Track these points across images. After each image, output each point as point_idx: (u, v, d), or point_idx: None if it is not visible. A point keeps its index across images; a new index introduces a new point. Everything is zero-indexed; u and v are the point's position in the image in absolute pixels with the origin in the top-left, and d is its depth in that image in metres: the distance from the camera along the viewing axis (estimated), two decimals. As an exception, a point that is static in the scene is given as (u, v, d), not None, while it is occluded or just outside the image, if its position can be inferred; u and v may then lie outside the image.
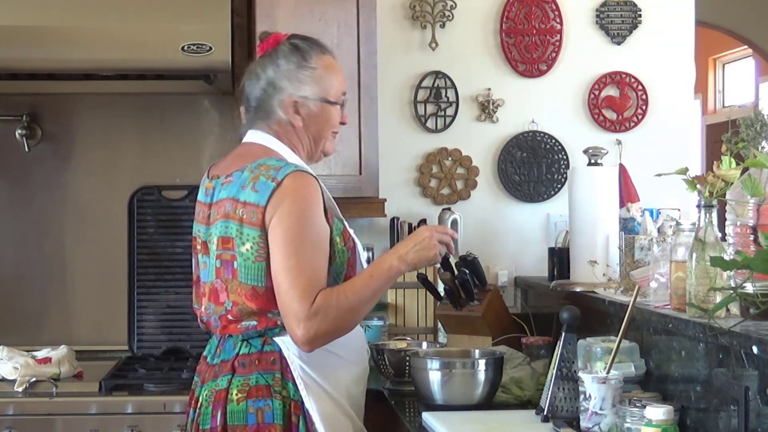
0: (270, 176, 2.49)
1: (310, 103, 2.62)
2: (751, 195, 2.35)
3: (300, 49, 2.63)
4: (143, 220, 3.87)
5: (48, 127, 3.91)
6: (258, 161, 2.54)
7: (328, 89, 2.65)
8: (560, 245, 3.58)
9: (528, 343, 3.25)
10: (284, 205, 2.45)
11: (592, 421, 2.44)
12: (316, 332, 2.42)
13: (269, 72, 2.62)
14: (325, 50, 2.68)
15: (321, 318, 2.42)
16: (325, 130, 2.67)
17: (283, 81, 2.61)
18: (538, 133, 4.01)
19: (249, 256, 2.49)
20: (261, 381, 2.49)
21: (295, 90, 2.61)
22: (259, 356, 2.52)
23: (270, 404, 2.47)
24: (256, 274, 2.49)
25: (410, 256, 2.55)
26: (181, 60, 3.39)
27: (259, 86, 2.64)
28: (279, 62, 2.62)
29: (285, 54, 2.62)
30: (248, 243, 2.48)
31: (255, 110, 2.66)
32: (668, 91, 4.07)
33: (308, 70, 2.62)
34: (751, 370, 2.13)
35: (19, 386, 3.29)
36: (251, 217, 2.48)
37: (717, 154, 2.47)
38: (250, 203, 2.48)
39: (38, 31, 3.39)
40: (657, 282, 2.65)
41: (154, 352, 3.79)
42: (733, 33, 8.91)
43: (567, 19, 4.03)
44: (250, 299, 2.50)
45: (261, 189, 2.48)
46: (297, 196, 2.47)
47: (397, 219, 3.84)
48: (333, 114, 2.68)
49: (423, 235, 2.57)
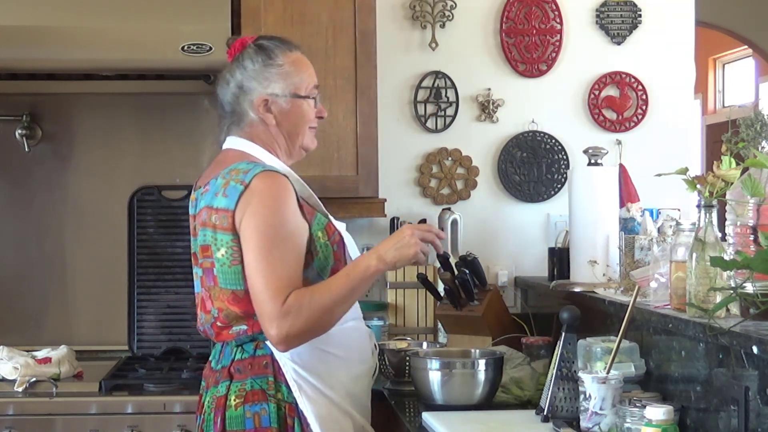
0: (239, 180, 2.49)
1: (281, 100, 2.62)
2: (751, 195, 2.35)
3: (265, 48, 2.64)
4: (143, 220, 3.87)
5: (48, 127, 3.91)
6: (230, 166, 2.55)
7: (298, 84, 2.64)
8: (560, 245, 3.58)
9: (528, 343, 3.25)
10: (252, 206, 2.45)
11: (592, 421, 2.44)
12: (288, 332, 2.41)
13: (237, 75, 2.63)
14: (292, 47, 2.68)
15: (293, 318, 2.41)
16: (299, 125, 2.66)
17: (251, 82, 2.61)
18: (538, 133, 4.01)
19: (225, 261, 2.50)
20: (256, 385, 2.51)
21: (264, 89, 2.61)
22: (252, 361, 2.53)
23: (266, 408, 2.49)
24: (234, 278, 2.50)
25: (389, 255, 2.51)
26: (181, 60, 3.39)
27: (230, 91, 2.64)
28: (245, 64, 2.63)
29: (250, 55, 2.63)
30: (223, 248, 2.49)
31: (229, 116, 2.66)
32: (668, 91, 4.07)
33: (275, 67, 2.62)
34: (751, 370, 2.13)
35: (19, 386, 3.29)
36: (222, 222, 2.49)
37: (717, 154, 2.47)
38: (221, 208, 2.49)
39: (38, 31, 3.39)
40: (657, 282, 2.65)
41: (154, 352, 3.79)
42: (733, 33, 8.91)
43: (567, 19, 4.03)
44: (233, 303, 2.51)
45: (230, 193, 2.49)
46: (264, 196, 2.46)
47: (397, 219, 3.84)
48: (306, 109, 2.67)
49: (403, 233, 2.53)
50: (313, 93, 2.68)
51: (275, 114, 2.62)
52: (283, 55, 2.64)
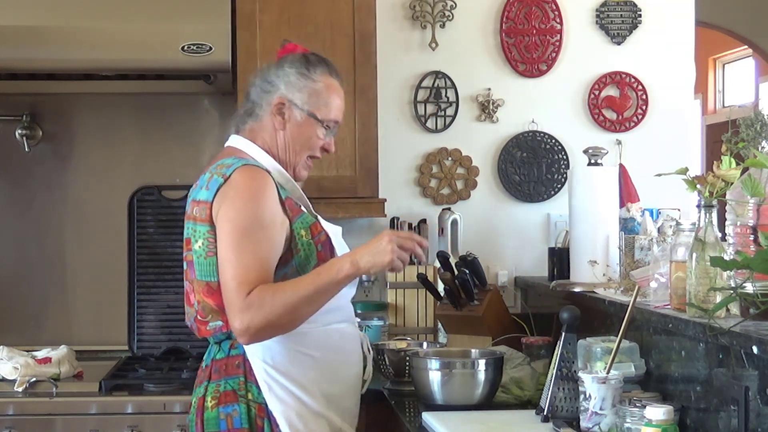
0: (221, 173, 2.51)
1: (296, 111, 2.62)
2: (751, 195, 2.35)
3: (308, 60, 2.65)
4: (143, 220, 3.87)
5: (48, 127, 3.91)
6: (218, 162, 2.57)
7: (320, 107, 2.64)
8: (560, 245, 3.59)
9: (528, 343, 3.25)
10: (227, 198, 2.46)
11: (592, 421, 2.44)
12: (248, 325, 2.39)
13: (271, 72, 2.66)
14: (335, 73, 2.68)
15: (254, 311, 2.38)
16: (302, 144, 2.65)
17: (280, 81, 2.63)
18: (538, 133, 4.01)
19: (201, 253, 2.51)
20: (228, 386, 2.51)
21: (287, 92, 2.62)
22: (227, 361, 2.53)
23: (237, 409, 2.49)
24: (208, 270, 2.50)
25: (363, 261, 2.45)
26: (181, 60, 3.39)
27: (257, 84, 2.67)
28: (284, 65, 2.65)
29: (292, 60, 2.65)
30: (200, 240, 2.51)
31: (246, 108, 2.69)
32: (668, 91, 4.07)
33: (308, 80, 2.63)
34: (751, 370, 2.13)
35: (19, 386, 3.29)
36: (201, 213, 2.51)
37: (717, 154, 2.47)
38: (202, 200, 2.52)
39: (38, 31, 3.39)
40: (657, 282, 2.65)
41: (154, 352, 3.79)
42: (733, 33, 8.91)
43: (567, 19, 4.03)
44: (207, 295, 2.52)
45: (211, 186, 2.50)
46: (240, 188, 2.46)
47: (397, 219, 3.84)
48: (315, 133, 2.65)
49: (381, 239, 2.47)
50: (329, 123, 2.66)
51: (285, 120, 2.62)
52: (322, 75, 2.65)
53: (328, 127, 2.67)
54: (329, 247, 2.57)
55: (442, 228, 3.82)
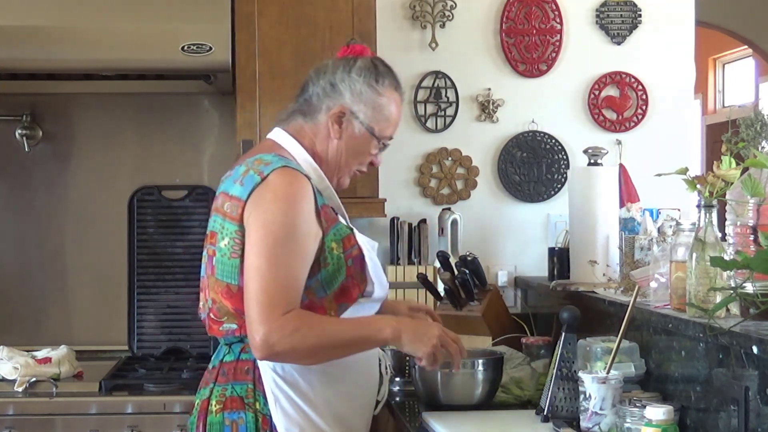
0: (258, 170, 2.37)
1: (356, 124, 2.50)
2: (751, 195, 2.35)
3: (379, 71, 2.52)
4: (143, 220, 3.87)
5: (48, 127, 3.92)
6: (257, 156, 2.44)
7: (380, 121, 2.51)
8: (560, 245, 3.59)
9: (528, 343, 3.25)
10: (264, 201, 2.33)
11: (592, 421, 2.44)
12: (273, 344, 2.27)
13: (338, 74, 2.50)
14: (399, 88, 2.56)
15: (285, 334, 2.27)
16: (353, 159, 2.53)
17: (345, 88, 2.49)
18: (538, 133, 4.01)
19: (226, 252, 2.38)
20: (235, 392, 2.39)
21: (351, 103, 2.48)
22: (236, 365, 2.42)
23: (243, 417, 2.37)
24: (231, 272, 2.38)
25: (406, 337, 2.36)
26: (181, 60, 3.39)
27: (321, 83, 2.51)
28: (353, 70, 2.50)
29: (362, 67, 2.51)
30: (227, 238, 2.38)
31: (301, 104, 2.54)
32: (668, 91, 4.07)
33: (375, 93, 2.50)
34: (751, 370, 2.13)
35: (19, 386, 3.29)
36: (233, 211, 2.37)
37: (717, 154, 2.47)
38: (235, 197, 2.38)
39: (38, 31, 3.39)
40: (657, 282, 2.65)
41: (154, 352, 3.80)
42: (733, 33, 8.91)
43: (567, 19, 4.03)
44: (226, 297, 2.39)
45: (246, 183, 2.37)
46: (278, 193, 2.33)
47: (397, 219, 3.85)
48: (369, 148, 2.54)
49: (431, 327, 2.40)
50: (384, 140, 2.54)
51: (343, 130, 2.49)
52: (388, 90, 2.52)
53: (384, 145, 2.56)
54: (360, 263, 2.42)
55: (442, 228, 3.82)
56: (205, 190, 3.88)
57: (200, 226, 3.85)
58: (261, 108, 3.54)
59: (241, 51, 3.52)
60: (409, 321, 2.46)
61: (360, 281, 2.42)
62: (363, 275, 2.42)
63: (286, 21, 3.56)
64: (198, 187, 3.89)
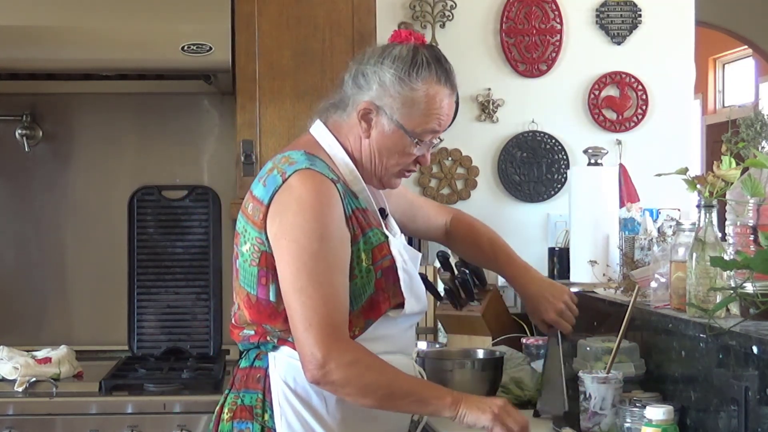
0: (281, 170, 2.19)
1: (384, 120, 2.26)
2: (751, 195, 2.35)
3: (415, 60, 2.25)
4: (143, 220, 3.87)
5: (48, 127, 3.91)
6: (286, 153, 2.26)
7: (414, 118, 2.25)
8: (560, 245, 3.59)
9: (528, 343, 3.25)
10: (289, 212, 2.15)
11: (592, 421, 2.44)
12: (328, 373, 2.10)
13: (369, 63, 2.27)
14: (444, 77, 2.29)
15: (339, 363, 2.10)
16: (389, 158, 2.29)
17: (373, 80, 2.26)
18: (538, 133, 4.01)
19: (247, 258, 2.22)
20: (245, 401, 2.25)
21: (377, 97, 2.25)
22: (249, 371, 2.27)
23: (251, 428, 2.23)
24: (250, 280, 2.22)
25: (465, 406, 2.14)
26: (181, 60, 3.39)
27: (353, 72, 2.30)
28: (386, 60, 2.25)
29: (396, 56, 2.26)
30: (248, 243, 2.22)
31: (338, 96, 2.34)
32: (668, 91, 4.07)
33: (406, 87, 2.24)
34: (751, 370, 2.13)
35: (19, 386, 3.29)
36: (254, 214, 2.20)
37: (717, 154, 2.47)
38: (257, 198, 2.21)
39: (38, 31, 3.39)
40: (657, 282, 2.65)
41: (154, 352, 3.79)
42: (733, 33, 8.91)
43: (567, 19, 4.03)
44: (246, 306, 2.24)
45: (269, 184, 2.19)
46: (304, 203, 2.14)
47: (397, 219, 3.84)
48: (404, 146, 2.28)
49: (494, 401, 2.17)
50: (424, 137, 2.28)
51: (371, 127, 2.27)
52: (427, 83, 2.25)
53: (421, 141, 2.29)
54: (392, 275, 2.24)
55: (442, 228, 3.81)
56: (205, 190, 3.88)
57: (200, 226, 3.86)
58: (261, 108, 3.54)
59: (241, 51, 3.52)
60: (470, 395, 2.20)
61: (391, 295, 2.25)
62: (395, 288, 2.25)
63: (286, 21, 3.56)
64: (198, 187, 3.89)
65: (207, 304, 3.82)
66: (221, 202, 3.86)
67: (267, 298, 2.20)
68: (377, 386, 2.13)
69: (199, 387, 3.30)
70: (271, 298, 2.20)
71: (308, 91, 3.50)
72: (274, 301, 2.19)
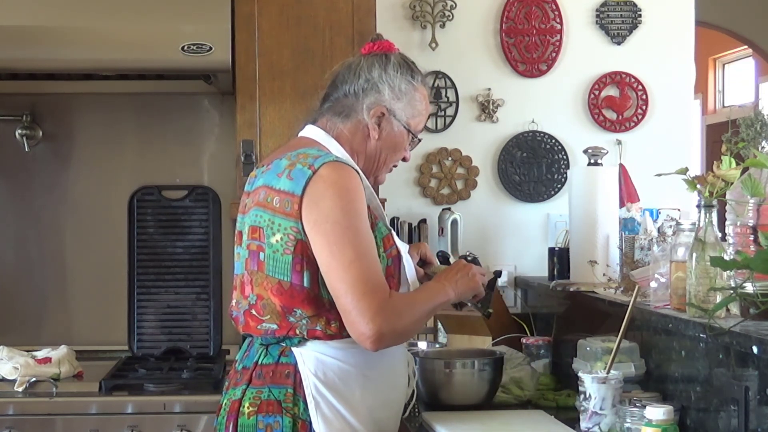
0: (307, 164, 2.33)
1: (395, 122, 2.49)
2: (751, 195, 2.36)
3: (410, 67, 2.51)
4: (143, 220, 3.87)
5: (48, 127, 3.91)
6: (299, 150, 2.40)
7: (415, 116, 2.52)
8: (560, 245, 3.59)
9: (528, 343, 3.25)
10: (326, 198, 2.30)
11: (592, 421, 2.44)
12: (382, 330, 2.26)
13: (374, 72, 2.47)
14: (426, 82, 2.58)
15: (390, 318, 2.28)
16: (389, 156, 2.53)
17: (384, 87, 2.47)
18: (538, 133, 4.02)
19: (278, 248, 2.34)
20: (272, 395, 2.35)
21: (391, 101, 2.47)
22: (275, 368, 2.37)
23: (280, 421, 2.33)
24: (284, 268, 2.33)
25: (460, 287, 2.50)
26: (181, 60, 3.38)
27: (357, 82, 2.48)
28: (389, 68, 2.48)
29: (396, 64, 2.49)
30: (279, 234, 2.33)
31: (334, 102, 2.50)
32: (668, 91, 4.07)
33: (412, 89, 2.49)
34: (751, 370, 2.13)
35: (19, 386, 3.29)
36: (285, 206, 2.33)
37: (717, 154, 2.47)
38: (285, 191, 2.34)
39: (38, 31, 3.39)
40: (657, 282, 2.65)
41: (154, 352, 3.79)
42: (733, 33, 8.91)
43: (567, 19, 4.03)
44: (275, 294, 2.35)
45: (296, 177, 2.33)
46: (338, 188, 2.31)
47: (397, 219, 3.84)
48: (404, 144, 2.54)
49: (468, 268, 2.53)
50: (418, 134, 2.56)
51: (382, 129, 2.48)
52: (420, 84, 2.53)
53: (417, 138, 2.57)
54: (398, 264, 2.43)
55: (442, 228, 3.82)
56: (205, 190, 3.88)
57: (200, 226, 3.86)
58: (261, 108, 3.54)
59: (241, 51, 3.52)
60: (444, 275, 2.53)
61: (396, 282, 2.42)
62: (399, 276, 2.43)
63: (286, 21, 3.56)
64: (198, 187, 3.89)
65: (207, 304, 3.82)
66: (221, 202, 3.86)
67: (301, 283, 2.33)
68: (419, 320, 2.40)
69: (199, 387, 3.30)
70: (305, 284, 2.33)
71: (308, 91, 3.49)
72: (308, 286, 2.33)
